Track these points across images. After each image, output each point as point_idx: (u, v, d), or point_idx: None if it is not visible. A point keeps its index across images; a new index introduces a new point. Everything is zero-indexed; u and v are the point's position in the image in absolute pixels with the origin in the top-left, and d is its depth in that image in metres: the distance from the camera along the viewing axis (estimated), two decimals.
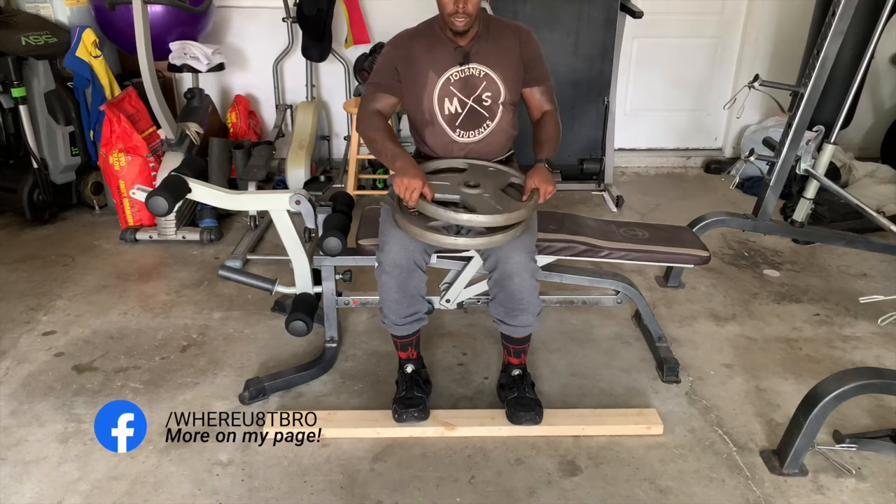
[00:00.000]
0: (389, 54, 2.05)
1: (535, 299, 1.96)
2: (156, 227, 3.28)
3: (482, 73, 2.01)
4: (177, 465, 1.91)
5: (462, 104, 2.03)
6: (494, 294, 1.96)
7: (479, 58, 2.01)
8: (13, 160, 3.43)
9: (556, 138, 2.07)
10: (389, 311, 1.99)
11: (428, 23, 2.07)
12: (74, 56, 3.26)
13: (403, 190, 1.83)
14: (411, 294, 1.96)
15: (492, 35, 2.03)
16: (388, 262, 1.91)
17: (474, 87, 2.02)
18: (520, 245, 1.88)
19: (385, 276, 1.93)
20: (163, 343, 2.47)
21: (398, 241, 1.90)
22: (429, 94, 2.02)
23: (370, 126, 2.03)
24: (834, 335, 2.56)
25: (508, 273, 1.89)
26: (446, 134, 2.06)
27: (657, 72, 4.31)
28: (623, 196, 3.77)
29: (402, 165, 1.88)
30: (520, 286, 1.90)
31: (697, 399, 2.20)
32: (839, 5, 2.50)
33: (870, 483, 1.86)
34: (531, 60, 2.07)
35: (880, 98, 4.38)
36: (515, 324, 1.99)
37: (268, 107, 4.27)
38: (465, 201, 1.87)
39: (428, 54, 2.01)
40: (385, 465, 1.91)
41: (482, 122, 2.05)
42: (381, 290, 1.97)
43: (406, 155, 1.93)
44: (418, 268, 1.93)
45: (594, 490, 1.83)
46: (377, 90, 2.06)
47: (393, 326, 2.03)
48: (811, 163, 2.87)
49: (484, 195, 1.89)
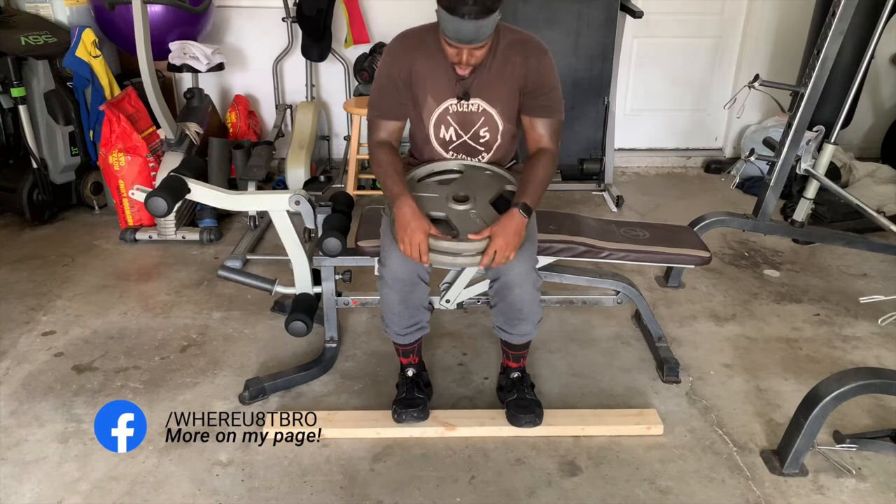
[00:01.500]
0: (390, 71, 1.92)
1: (535, 309, 1.94)
2: (155, 227, 3.28)
3: (481, 108, 1.93)
4: (177, 465, 1.90)
5: (457, 135, 1.99)
6: (495, 303, 1.95)
7: (479, 92, 1.90)
8: (13, 160, 3.43)
9: (543, 183, 1.88)
10: (392, 322, 1.98)
11: (432, 31, 1.88)
12: (74, 56, 3.26)
13: (407, 245, 1.77)
14: (413, 306, 1.94)
15: (498, 60, 1.87)
16: (390, 276, 1.88)
17: (471, 123, 1.96)
18: (520, 257, 1.83)
19: (387, 290, 1.91)
20: (163, 343, 2.47)
21: (399, 256, 1.84)
22: (427, 115, 1.96)
23: (375, 160, 1.93)
24: (834, 335, 2.56)
25: (509, 284, 1.87)
26: (441, 155, 2.04)
27: (657, 72, 4.31)
28: (623, 196, 3.77)
29: (401, 213, 1.79)
30: (520, 297, 1.88)
31: (697, 399, 2.20)
32: (839, 5, 2.50)
33: (870, 483, 1.86)
34: (534, 87, 1.89)
35: (880, 98, 4.38)
36: (515, 332, 1.98)
37: (268, 107, 4.27)
38: (449, 220, 1.86)
39: (429, 76, 1.90)
40: (385, 466, 1.91)
41: (478, 154, 2.03)
42: (384, 302, 1.95)
43: (405, 197, 1.81)
44: (421, 280, 1.90)
45: (594, 490, 1.83)
46: (380, 117, 1.95)
47: (395, 336, 2.02)
48: (811, 163, 2.88)
49: (471, 212, 1.87)
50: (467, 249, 1.80)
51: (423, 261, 1.78)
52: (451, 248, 1.80)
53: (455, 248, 1.80)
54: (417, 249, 1.77)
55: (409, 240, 1.76)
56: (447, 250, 1.80)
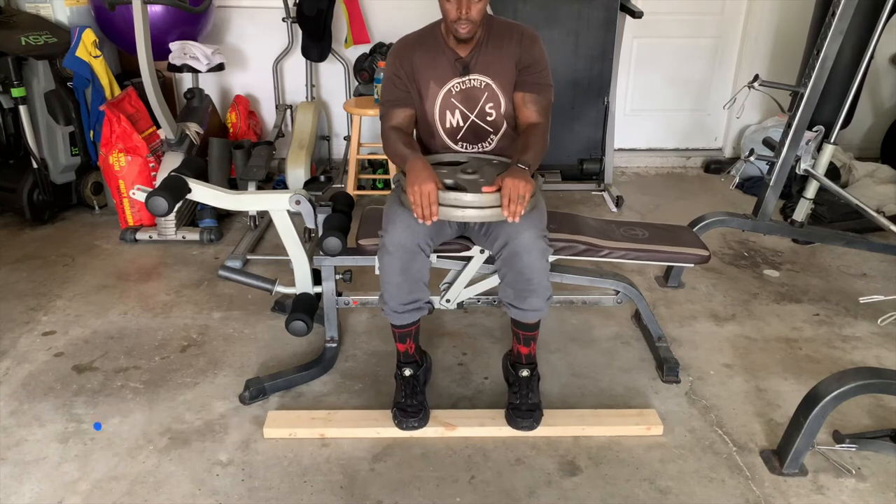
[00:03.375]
0: (393, 66, 2.03)
1: (544, 280, 1.92)
2: (156, 227, 3.28)
3: (483, 83, 2.00)
4: (177, 465, 1.90)
5: (464, 117, 2.03)
6: (503, 275, 1.92)
7: (479, 68, 1.99)
8: (13, 160, 3.43)
9: (537, 147, 1.92)
10: (390, 296, 1.94)
11: (430, 28, 2.05)
12: (74, 56, 3.26)
13: (417, 195, 1.77)
14: (413, 278, 1.92)
15: (493, 40, 1.99)
16: (392, 242, 1.86)
17: (475, 99, 2.01)
18: (528, 222, 1.83)
19: (388, 258, 1.88)
20: (163, 343, 2.47)
21: (403, 222, 1.86)
22: (430, 104, 2.01)
23: (386, 139, 2.02)
24: (834, 335, 2.56)
25: (517, 250, 1.84)
26: (448, 147, 2.06)
27: (657, 72, 4.31)
28: (623, 196, 3.77)
29: (412, 166, 1.83)
30: (529, 264, 1.85)
31: (697, 399, 2.20)
32: (839, 5, 2.50)
33: (870, 483, 1.86)
34: (528, 64, 1.99)
35: (880, 98, 4.38)
36: (525, 307, 1.95)
37: (268, 107, 4.27)
38: (458, 185, 1.88)
39: (429, 64, 2.00)
40: (385, 465, 1.91)
41: (486, 136, 2.05)
42: (383, 272, 1.92)
43: (416, 155, 1.88)
44: (422, 251, 1.88)
45: (594, 490, 1.83)
46: (390, 108, 2.04)
47: (392, 314, 1.98)
48: (811, 163, 2.88)
49: (480, 180, 1.89)
50: (477, 201, 1.80)
51: (433, 211, 1.78)
52: (460, 200, 1.81)
53: (465, 200, 1.81)
54: (427, 199, 1.77)
55: (420, 189, 1.77)
56: (456, 202, 1.81)
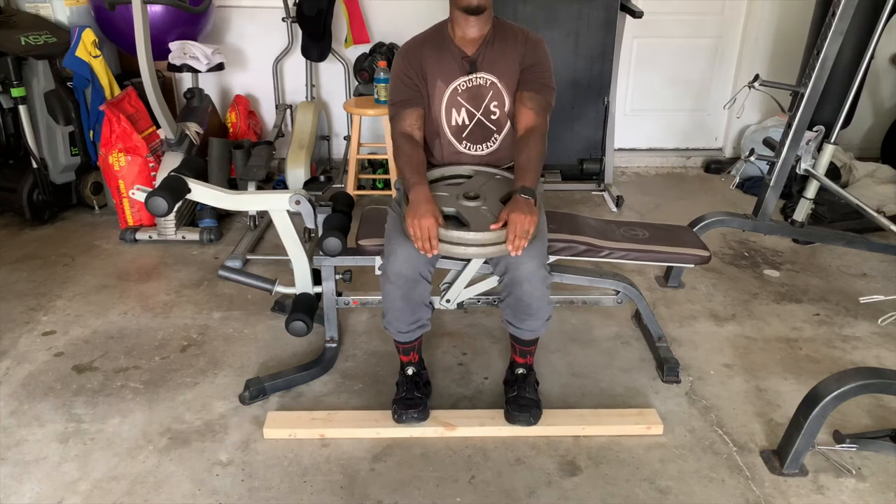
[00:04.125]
0: (402, 65, 2.03)
1: (544, 305, 1.94)
2: (155, 227, 3.28)
3: (489, 81, 2.01)
4: (177, 465, 1.90)
5: (470, 116, 2.03)
6: (504, 296, 1.95)
7: (485, 66, 2.00)
8: (13, 160, 3.43)
9: (536, 162, 1.92)
10: (393, 318, 1.98)
11: (436, 28, 2.06)
12: (74, 56, 3.26)
13: (417, 228, 1.78)
14: (415, 302, 1.95)
15: (499, 40, 2.01)
16: (393, 272, 1.89)
17: (481, 97, 2.02)
18: (530, 252, 1.84)
19: (389, 286, 1.91)
20: (163, 343, 2.47)
21: (404, 252, 1.87)
22: (437, 103, 2.02)
23: (397, 149, 2.01)
24: (834, 335, 2.56)
25: (518, 279, 1.87)
26: (453, 146, 2.07)
27: (657, 72, 4.31)
28: (623, 196, 3.77)
29: (414, 198, 1.83)
30: (529, 293, 1.89)
31: (697, 399, 2.20)
32: (839, 5, 2.50)
33: (870, 483, 1.86)
34: (531, 64, 2.00)
35: (880, 98, 4.38)
36: (523, 327, 1.99)
37: (268, 107, 4.27)
38: (460, 214, 1.87)
39: (436, 63, 2.01)
40: (385, 465, 1.91)
41: (490, 136, 2.06)
42: (385, 298, 1.95)
43: (421, 186, 1.86)
44: (423, 278, 1.91)
45: (594, 490, 1.83)
46: (400, 108, 2.03)
47: (396, 333, 2.03)
48: (811, 163, 2.88)
49: (482, 208, 1.88)
50: (479, 239, 1.80)
51: (433, 245, 1.79)
52: (463, 239, 1.80)
53: (467, 239, 1.80)
54: (427, 232, 1.77)
55: (419, 223, 1.78)
56: (457, 240, 1.80)
